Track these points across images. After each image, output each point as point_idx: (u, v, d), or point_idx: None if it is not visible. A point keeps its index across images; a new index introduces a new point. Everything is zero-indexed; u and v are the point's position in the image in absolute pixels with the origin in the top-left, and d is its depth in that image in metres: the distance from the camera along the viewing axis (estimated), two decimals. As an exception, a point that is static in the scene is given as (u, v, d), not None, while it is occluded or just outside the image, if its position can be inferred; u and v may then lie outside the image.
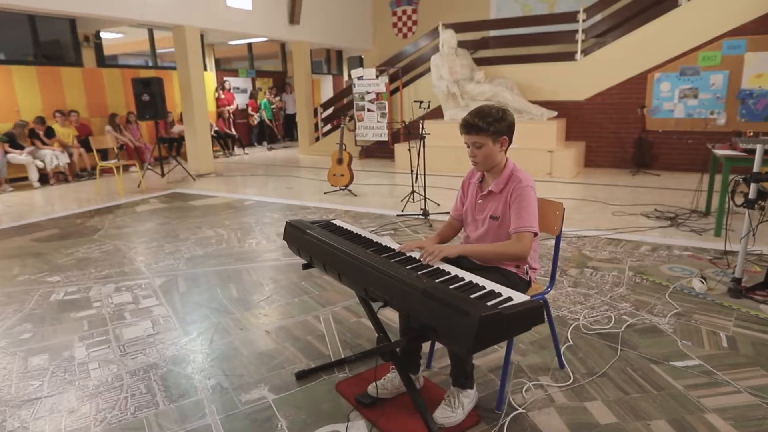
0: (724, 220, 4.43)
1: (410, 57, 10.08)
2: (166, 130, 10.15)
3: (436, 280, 1.70)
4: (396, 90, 9.92)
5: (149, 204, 6.52)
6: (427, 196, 5.47)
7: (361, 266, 1.83)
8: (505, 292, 1.59)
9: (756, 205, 3.11)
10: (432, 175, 5.72)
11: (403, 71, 9.85)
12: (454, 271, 1.82)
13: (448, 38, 8.44)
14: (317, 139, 11.53)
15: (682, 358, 2.51)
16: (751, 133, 4.55)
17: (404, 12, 12.03)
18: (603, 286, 3.44)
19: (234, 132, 11.92)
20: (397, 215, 5.50)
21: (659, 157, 7.54)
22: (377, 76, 9.79)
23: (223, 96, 11.82)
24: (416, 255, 1.99)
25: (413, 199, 5.89)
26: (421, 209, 5.38)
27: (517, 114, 8.08)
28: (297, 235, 2.29)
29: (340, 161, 6.69)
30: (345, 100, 11.55)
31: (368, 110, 10.00)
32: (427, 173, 5.89)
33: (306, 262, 2.34)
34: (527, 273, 2.17)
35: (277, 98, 13.27)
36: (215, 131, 11.07)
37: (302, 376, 2.41)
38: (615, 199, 5.98)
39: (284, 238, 2.44)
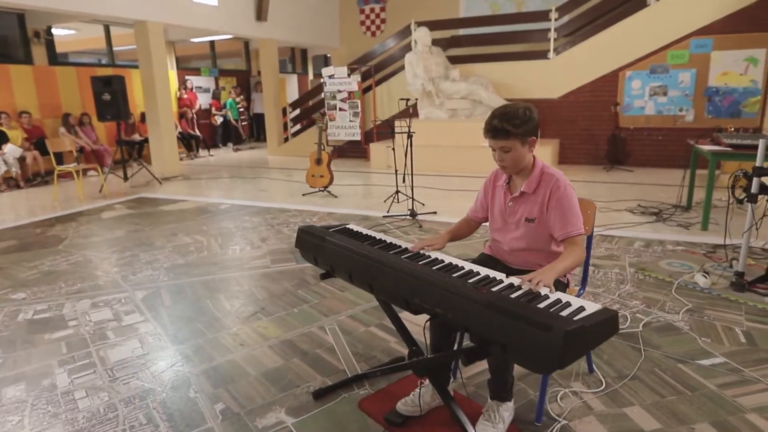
0: (710, 214, 4.51)
1: (382, 55, 9.93)
2: (127, 132, 9.61)
3: (491, 290, 1.55)
4: (368, 88, 9.75)
5: (115, 210, 6.10)
6: (412, 196, 5.32)
7: (402, 276, 1.67)
8: (573, 300, 1.46)
9: (745, 201, 3.14)
10: (407, 174, 5.59)
11: (375, 69, 9.69)
12: (502, 277, 1.67)
13: (422, 36, 8.34)
14: (286, 140, 11.22)
15: (706, 356, 2.47)
16: (732, 129, 4.65)
17: (372, 10, 11.87)
18: (608, 284, 3.39)
19: (198, 133, 11.44)
20: (384, 216, 5.34)
21: (632, 154, 7.70)
22: (349, 75, 9.59)
23: (185, 95, 11.32)
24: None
25: (398, 199, 5.74)
26: (409, 210, 5.24)
27: (492, 112, 8.10)
28: (314, 243, 2.10)
29: (318, 161, 6.46)
30: (310, 103, 11.30)
31: (340, 109, 9.79)
32: (401, 172, 5.77)
33: (324, 271, 2.14)
34: (565, 275, 2.07)
35: (240, 97, 12.83)
36: (179, 132, 10.58)
37: (320, 395, 2.22)
38: (596, 196, 6.03)
39: (297, 246, 2.24)
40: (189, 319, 3.04)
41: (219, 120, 12.30)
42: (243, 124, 13.04)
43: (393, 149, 5.69)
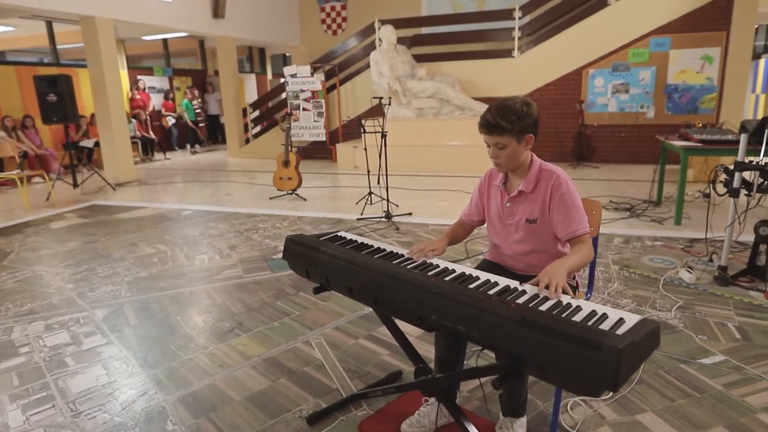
0: (684, 208, 4.58)
1: (345, 54, 9.74)
2: (78, 135, 9.01)
3: (521, 303, 1.41)
4: (333, 88, 9.53)
5: (66, 219, 5.64)
6: (387, 197, 5.17)
7: (415, 290, 1.51)
8: (610, 312, 1.34)
9: (705, 196, 3.15)
10: (385, 175, 5.44)
11: (339, 68, 9.49)
12: (524, 287, 1.54)
13: (387, 34, 8.20)
14: (247, 141, 10.84)
15: (706, 354, 2.43)
16: (700, 125, 4.74)
17: (333, 8, 11.63)
18: (596, 282, 3.34)
19: (153, 135, 10.89)
20: (358, 219, 5.16)
21: (597, 150, 7.82)
22: (312, 74, 9.34)
23: (138, 96, 10.75)
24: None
25: (371, 201, 5.58)
26: (384, 211, 5.08)
27: (459, 111, 8.07)
28: (306, 254, 1.90)
29: (286, 163, 6.21)
30: (270, 104, 10.98)
31: (304, 109, 9.52)
32: (374, 173, 5.62)
33: (318, 285, 1.95)
34: (575, 278, 1.96)
35: (198, 100, 12.32)
36: (134, 135, 10.03)
37: (315, 419, 2.02)
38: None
39: (285, 258, 2.04)
40: (159, 339, 2.77)
41: (170, 122, 11.71)
42: (201, 125, 12.53)
43: (365, 149, 5.51)
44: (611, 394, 2.13)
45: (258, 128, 11.14)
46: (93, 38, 7.25)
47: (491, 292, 1.50)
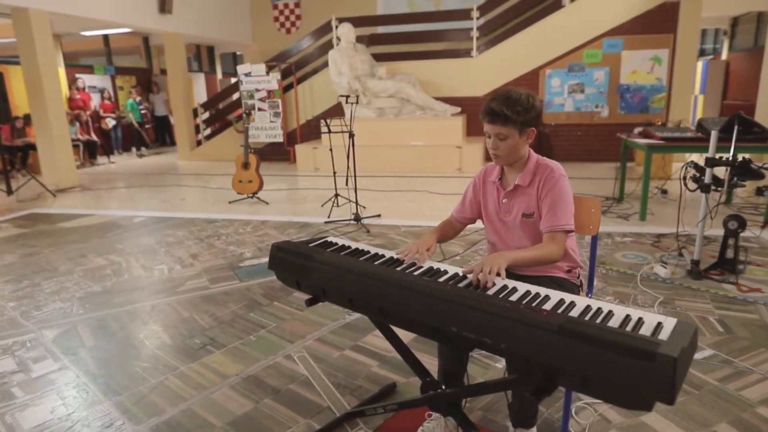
0: (647, 204, 4.69)
1: (302, 52, 9.49)
2: (13, 136, 8.29)
3: (542, 306, 1.31)
4: (289, 87, 9.26)
5: (1, 230, 5.13)
6: (357, 199, 5.01)
7: (432, 301, 1.37)
8: (647, 316, 1.25)
9: (660, 194, 3.22)
10: (343, 176, 5.27)
11: (295, 67, 9.23)
12: (542, 291, 1.44)
13: (346, 32, 8.03)
14: (199, 143, 10.37)
15: (696, 349, 2.43)
16: (660, 123, 4.88)
17: (286, 6, 11.33)
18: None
19: (95, 137, 10.22)
20: (326, 222, 4.97)
21: (555, 149, 7.97)
22: (267, 73, 9.04)
23: (77, 96, 10.05)
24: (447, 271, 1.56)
25: (337, 203, 5.40)
26: (353, 214, 4.92)
27: (420, 111, 8.02)
28: (298, 263, 1.73)
29: (246, 166, 5.93)
30: (220, 106, 10.57)
31: (259, 109, 9.20)
32: (332, 174, 5.46)
33: (311, 296, 1.78)
34: (579, 276, 1.90)
35: (141, 97, 11.67)
36: (75, 138, 9.36)
37: (309, 443, 1.85)
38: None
39: (272, 267, 1.85)
40: (122, 361, 2.50)
41: (111, 123, 11.00)
42: (147, 127, 11.90)
43: (331, 150, 5.33)
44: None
45: (208, 131, 10.68)
46: (26, 32, 6.67)
47: (512, 298, 1.39)
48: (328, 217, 5.11)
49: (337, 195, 5.42)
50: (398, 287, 1.45)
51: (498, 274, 1.51)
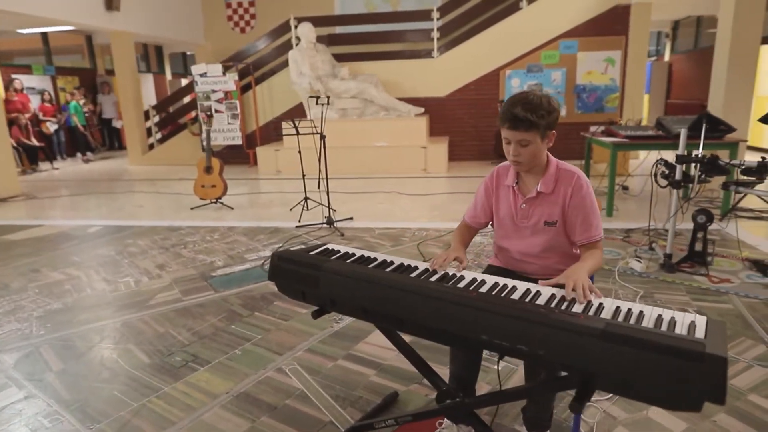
0: (613, 200, 4.84)
1: (259, 52, 9.24)
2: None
3: (571, 309, 1.28)
4: (247, 88, 9.00)
5: (-64, 246, 4.68)
6: (329, 202, 4.91)
7: (457, 308, 1.32)
8: (677, 315, 1.25)
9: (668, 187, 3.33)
10: (314, 178, 5.17)
11: (253, 67, 8.98)
12: (562, 293, 1.41)
13: (306, 32, 7.88)
14: (151, 147, 9.92)
15: (681, 341, 2.51)
16: (624, 122, 5.05)
17: (240, 4, 11.02)
18: (557, 278, 3.38)
19: (36, 142, 9.56)
20: (297, 226, 4.84)
21: (517, 148, 8.13)
22: (224, 73, 8.74)
23: (16, 98, 9.36)
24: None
25: (307, 207, 5.27)
26: (325, 217, 4.81)
27: (383, 111, 7.98)
28: (304, 273, 1.64)
29: (209, 170, 5.69)
30: (172, 108, 10.16)
31: (216, 111, 8.88)
32: (295, 177, 5.33)
33: (318, 308, 1.69)
34: (591, 279, 1.89)
35: (85, 99, 11.03)
36: (15, 142, 8.71)
37: (317, 462, 1.76)
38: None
39: (273, 278, 1.75)
40: (95, 385, 2.30)
41: (52, 128, 10.32)
42: (92, 130, 11.25)
43: (299, 152, 5.19)
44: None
45: (159, 135, 10.23)
46: (-42, 29, 6.13)
47: (539, 302, 1.36)
48: (299, 221, 4.98)
49: (306, 198, 5.28)
50: (420, 296, 1.39)
51: (591, 290, 1.43)
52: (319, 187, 4.92)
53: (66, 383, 2.33)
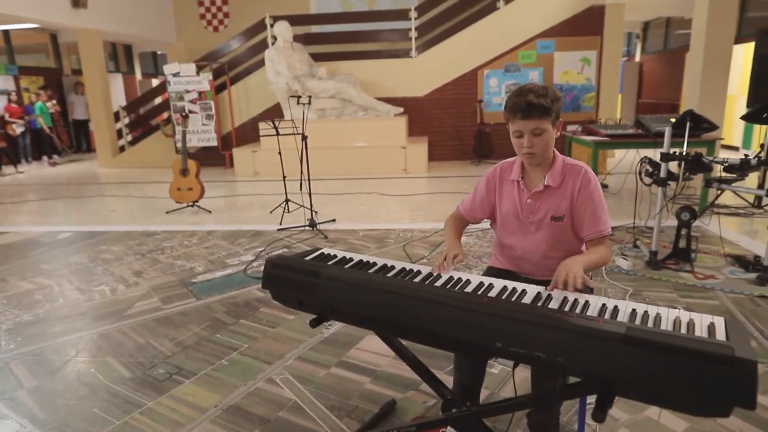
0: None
1: (233, 52, 9.04)
2: None
3: (586, 313, 1.24)
4: (222, 88, 8.80)
5: None
6: (311, 204, 4.81)
7: (469, 315, 1.26)
8: (695, 317, 1.22)
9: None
10: (295, 180, 5.08)
11: (228, 67, 8.78)
12: (575, 296, 1.37)
13: (282, 31, 7.75)
14: (122, 149, 9.61)
15: (674, 339, 2.51)
16: (603, 121, 5.10)
17: (213, 3, 10.77)
18: (546, 277, 3.37)
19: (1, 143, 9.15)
20: (279, 229, 4.72)
21: (496, 147, 8.17)
22: (198, 73, 8.53)
23: (-25, 99, 8.94)
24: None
25: (288, 209, 5.16)
26: (308, 219, 4.71)
27: (362, 111, 7.91)
28: (301, 281, 1.56)
29: (184, 172, 5.52)
30: (140, 111, 9.89)
31: (190, 112, 8.65)
32: (273, 179, 5.21)
33: (316, 316, 1.61)
34: (591, 277, 1.86)
35: (53, 102, 10.61)
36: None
37: (316, 477, 1.68)
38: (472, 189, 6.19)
39: (267, 286, 1.66)
40: (73, 403, 2.16)
41: (18, 130, 9.88)
42: (58, 131, 10.84)
43: (279, 153, 5.07)
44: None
45: (130, 136, 9.91)
46: None
47: (552, 306, 1.31)
48: (280, 224, 4.86)
49: (287, 200, 5.17)
50: (429, 302, 1.33)
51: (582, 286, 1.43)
52: (301, 189, 4.81)
53: (40, 401, 2.18)
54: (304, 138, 4.64)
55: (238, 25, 9.81)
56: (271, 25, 8.40)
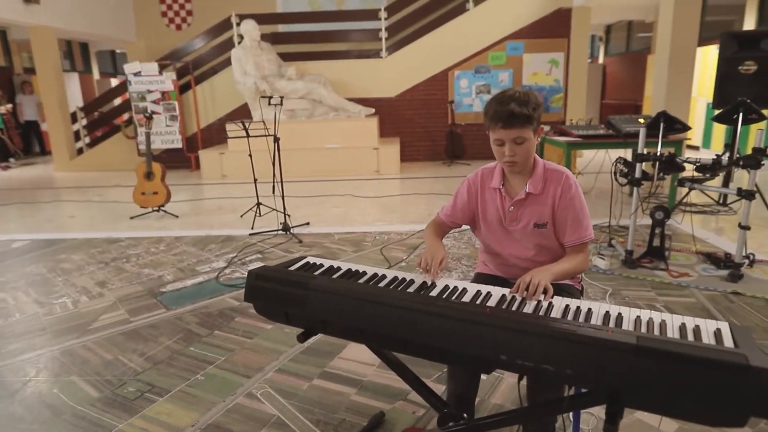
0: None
1: (197, 51, 8.78)
2: None
3: (590, 322, 1.20)
4: (187, 88, 8.53)
5: None
6: (284, 208, 4.67)
7: (472, 327, 1.20)
8: (700, 323, 1.20)
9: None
10: (266, 182, 4.94)
11: (193, 66, 8.51)
12: (578, 304, 1.33)
13: (250, 29, 7.55)
14: (80, 152, 9.19)
15: (655, 338, 2.53)
16: (573, 121, 5.16)
17: (175, 0, 10.44)
18: (526, 278, 3.36)
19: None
20: (251, 234, 4.58)
21: (467, 148, 8.20)
22: (161, 72, 8.23)
23: None
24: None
25: (259, 213, 5.01)
26: (281, 223, 4.58)
27: (333, 112, 7.80)
28: (288, 293, 1.46)
29: (149, 176, 5.29)
30: (98, 113, 9.49)
31: (153, 112, 8.32)
32: (243, 182, 5.06)
33: (304, 330, 1.52)
34: (581, 281, 1.84)
35: (7, 105, 10.07)
36: None
37: (305, 500, 1.59)
38: (447, 190, 6.19)
39: (249, 300, 1.56)
40: (35, 428, 2.00)
41: None
42: (10, 134, 10.28)
43: (250, 155, 4.92)
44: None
45: (88, 138, 9.49)
46: None
47: (553, 315, 1.27)
48: (252, 228, 4.71)
49: (259, 204, 5.02)
50: (430, 315, 1.26)
51: (545, 291, 1.39)
52: (273, 192, 4.67)
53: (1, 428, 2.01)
54: (277, 140, 4.50)
55: (202, 24, 9.54)
56: (238, 24, 8.19)
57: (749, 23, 7.74)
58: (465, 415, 1.47)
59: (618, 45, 11.81)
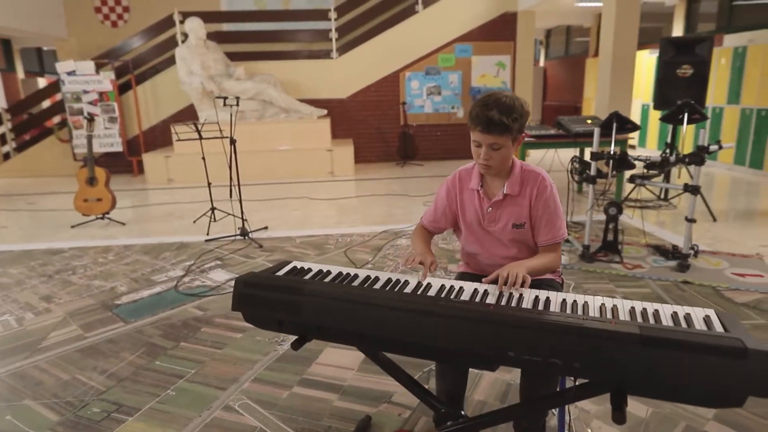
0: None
1: (136, 50, 8.36)
2: None
3: (590, 314, 1.23)
4: (127, 88, 8.09)
5: None
6: (242, 212, 4.53)
7: (477, 326, 1.21)
8: (690, 310, 1.26)
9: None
10: (221, 186, 4.77)
11: (133, 65, 8.09)
12: (574, 298, 1.37)
13: (195, 28, 7.27)
14: (6, 157, 8.51)
15: (619, 328, 2.66)
16: (531, 122, 5.33)
17: (110, -5, 9.87)
18: (491, 275, 3.43)
19: None
20: (206, 240, 4.40)
21: (420, 149, 8.28)
22: (97, 71, 7.77)
23: None
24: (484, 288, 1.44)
25: (214, 218, 4.83)
26: (239, 228, 4.44)
27: (284, 113, 7.66)
28: (282, 299, 1.41)
29: (92, 181, 4.97)
30: (26, 115, 8.85)
31: (91, 114, 7.84)
32: (191, 186, 4.89)
33: (298, 337, 1.47)
34: (561, 274, 1.89)
35: None
36: None
37: None
38: (403, 190, 6.24)
39: (238, 308, 1.49)
40: (-12, 460, 1.82)
41: None
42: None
43: (203, 158, 4.73)
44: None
45: (14, 143, 8.80)
46: None
47: (552, 310, 1.30)
48: (207, 234, 4.54)
49: (213, 209, 4.84)
50: (436, 316, 1.25)
51: (523, 284, 1.42)
52: (231, 196, 4.52)
53: (-57, 463, 1.81)
54: (233, 142, 4.36)
55: (140, 21, 9.07)
56: (181, 22, 7.87)
57: (677, 29, 8.31)
58: (462, 413, 1.48)
59: (557, 49, 12.36)
